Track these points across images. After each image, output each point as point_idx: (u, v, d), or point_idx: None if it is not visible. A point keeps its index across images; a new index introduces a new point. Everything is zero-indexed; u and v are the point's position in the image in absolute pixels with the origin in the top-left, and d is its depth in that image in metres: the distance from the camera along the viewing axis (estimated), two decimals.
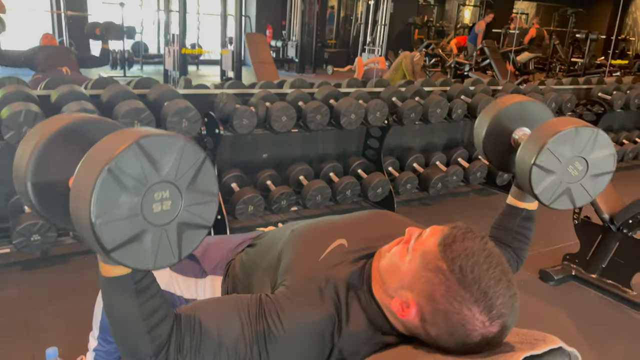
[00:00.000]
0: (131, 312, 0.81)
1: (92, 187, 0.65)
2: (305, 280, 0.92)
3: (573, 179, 1.12)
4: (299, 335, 0.86)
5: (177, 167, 0.71)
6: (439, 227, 0.85)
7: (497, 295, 0.77)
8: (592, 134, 1.10)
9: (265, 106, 2.88)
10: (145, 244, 0.71)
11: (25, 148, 0.81)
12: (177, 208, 0.73)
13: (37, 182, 0.81)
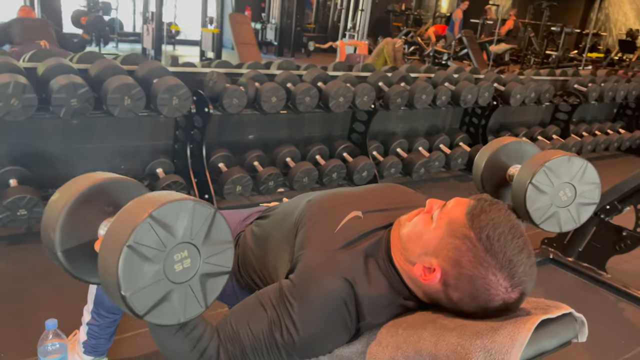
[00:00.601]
0: (181, 346, 0.86)
1: (116, 265, 0.70)
2: (322, 254, 0.95)
3: (562, 204, 1.24)
4: (323, 308, 0.89)
5: (191, 227, 0.76)
6: (464, 199, 0.90)
7: (520, 264, 0.82)
8: (582, 164, 1.23)
9: (255, 86, 2.88)
10: (173, 302, 0.76)
11: (50, 216, 0.84)
12: (196, 263, 0.78)
13: (66, 249, 0.84)
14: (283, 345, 0.89)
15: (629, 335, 2.16)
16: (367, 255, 0.95)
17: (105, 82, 2.41)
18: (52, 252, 0.85)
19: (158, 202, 0.73)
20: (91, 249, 0.85)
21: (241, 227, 1.30)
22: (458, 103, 3.68)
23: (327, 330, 0.90)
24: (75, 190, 0.83)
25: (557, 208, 1.23)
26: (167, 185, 2.64)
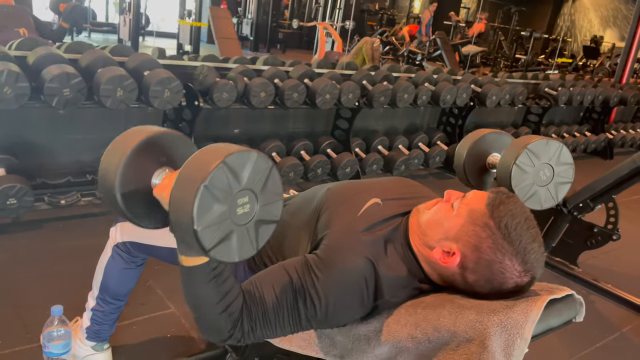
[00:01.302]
0: (210, 296, 0.91)
1: (192, 202, 0.77)
2: (346, 233, 1.02)
3: (542, 183, 1.36)
4: (345, 281, 0.96)
5: (253, 176, 0.84)
6: (483, 192, 0.98)
7: (533, 251, 0.91)
8: (558, 146, 1.36)
9: (244, 81, 2.92)
10: (232, 242, 0.83)
11: (111, 161, 0.91)
12: (254, 209, 0.86)
13: (124, 192, 0.91)
14: (305, 313, 0.95)
15: (600, 325, 2.30)
16: (387, 240, 1.02)
17: (98, 72, 2.41)
18: (110, 194, 0.90)
19: (229, 150, 0.80)
20: (144, 194, 0.92)
21: None
22: (438, 103, 3.80)
23: (345, 303, 0.97)
24: (135, 139, 0.90)
25: (538, 187, 1.35)
26: None
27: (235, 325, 0.94)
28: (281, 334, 0.98)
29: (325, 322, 0.99)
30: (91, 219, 2.59)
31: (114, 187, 0.89)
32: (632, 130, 5.94)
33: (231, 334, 0.94)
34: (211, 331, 0.95)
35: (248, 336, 0.95)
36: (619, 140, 5.65)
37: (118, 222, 1.49)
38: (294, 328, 0.97)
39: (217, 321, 0.92)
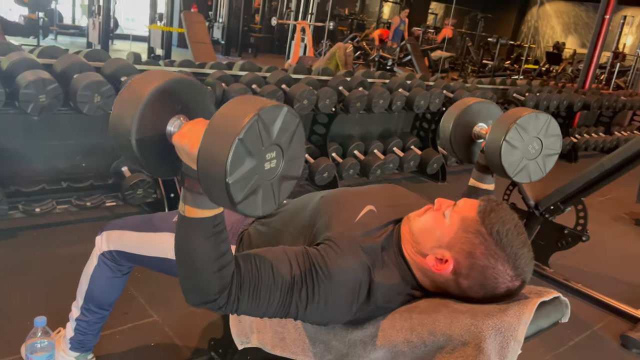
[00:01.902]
0: (207, 252, 0.89)
1: (227, 155, 0.75)
2: (346, 236, 1.04)
3: (531, 156, 1.34)
4: (341, 282, 0.98)
5: (282, 131, 0.83)
6: (473, 199, 1.02)
7: (523, 257, 0.95)
8: (547, 118, 1.33)
9: (222, 87, 2.92)
10: (258, 196, 0.82)
11: (128, 105, 0.87)
12: (279, 165, 0.85)
13: (139, 137, 0.87)
14: (296, 303, 0.96)
15: (572, 324, 2.35)
16: (383, 247, 1.05)
17: (74, 78, 2.37)
18: (125, 139, 0.87)
19: (262, 103, 0.79)
20: (158, 142, 0.89)
21: (243, 225, 1.36)
22: (412, 108, 3.86)
23: (336, 302, 0.98)
24: (152, 83, 0.87)
25: (527, 161, 1.34)
26: (135, 184, 2.63)
27: (222, 290, 0.91)
28: (262, 313, 0.97)
29: (310, 316, 0.99)
30: (67, 227, 2.54)
31: (130, 132, 0.86)
32: (594, 134, 6.17)
33: (216, 297, 0.91)
34: (197, 290, 0.92)
35: (232, 305, 0.93)
36: (582, 143, 5.85)
37: (104, 231, 1.48)
38: (278, 312, 0.97)
39: (207, 280, 0.90)
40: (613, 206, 4.17)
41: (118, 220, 1.51)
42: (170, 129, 0.89)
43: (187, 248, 0.90)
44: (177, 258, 0.93)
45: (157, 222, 1.44)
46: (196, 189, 0.86)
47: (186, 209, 0.89)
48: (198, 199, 0.87)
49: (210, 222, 0.89)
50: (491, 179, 1.43)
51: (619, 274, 3.01)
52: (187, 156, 0.85)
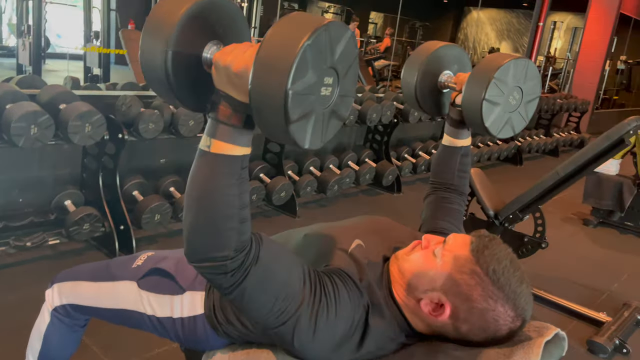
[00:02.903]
0: (231, 198, 0.79)
1: (292, 60, 0.69)
2: (345, 271, 0.96)
3: (512, 108, 1.23)
4: (343, 315, 0.90)
5: (343, 55, 0.78)
6: (463, 235, 0.96)
7: (522, 294, 0.90)
8: (525, 63, 1.19)
9: (171, 109, 2.78)
10: (308, 124, 0.76)
11: (170, 10, 0.79)
12: (333, 95, 0.79)
13: (176, 50, 0.79)
14: (297, 314, 0.87)
15: None
16: (377, 287, 0.98)
17: (7, 109, 2.18)
18: (160, 49, 0.79)
19: (326, 19, 0.74)
20: (191, 70, 0.82)
21: None
22: (364, 121, 3.84)
23: (329, 334, 0.90)
24: (183, 6, 0.79)
25: (509, 114, 1.22)
26: (80, 218, 2.44)
27: (238, 250, 0.80)
28: (261, 306, 0.86)
29: (299, 338, 0.89)
30: (5, 272, 2.32)
31: (168, 40, 0.78)
32: (536, 137, 6.40)
33: (230, 255, 0.80)
34: (211, 242, 0.80)
35: (241, 275, 0.82)
36: (526, 146, 6.05)
37: (55, 283, 1.33)
38: (276, 315, 0.86)
39: (225, 232, 0.79)
40: (561, 207, 4.30)
41: (69, 270, 1.37)
42: (206, 55, 0.83)
43: (207, 189, 0.79)
44: (190, 201, 0.81)
45: (115, 269, 1.30)
46: (232, 121, 0.78)
47: (213, 143, 0.79)
48: (231, 133, 0.78)
49: (239, 163, 0.80)
50: (467, 133, 1.31)
51: (576, 277, 3.09)
52: (227, 78, 0.78)
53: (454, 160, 1.31)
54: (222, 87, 0.79)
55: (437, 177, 1.34)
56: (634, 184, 3.87)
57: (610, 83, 10.11)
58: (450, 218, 1.29)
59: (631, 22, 9.27)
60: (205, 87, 0.84)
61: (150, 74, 0.83)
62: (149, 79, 0.84)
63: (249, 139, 0.81)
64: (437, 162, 1.36)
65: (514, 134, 1.28)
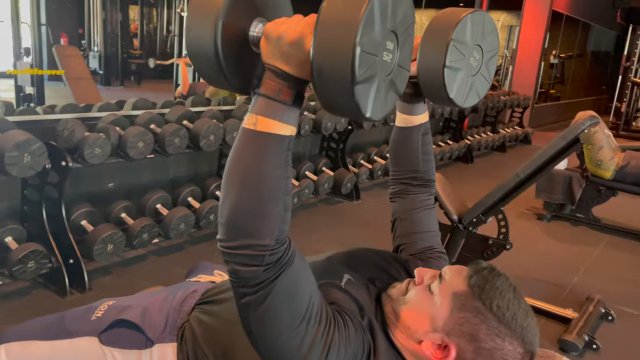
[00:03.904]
0: (276, 181, 0.75)
1: (361, 14, 0.67)
2: (344, 306, 0.89)
3: (474, 71, 1.07)
4: (349, 354, 0.83)
5: (403, 21, 0.78)
6: (459, 267, 0.89)
7: (529, 328, 0.84)
8: (481, 16, 1.04)
9: (118, 132, 2.61)
10: (372, 89, 0.73)
11: (206, 9, 0.77)
12: (393, 63, 0.77)
13: (226, 23, 0.77)
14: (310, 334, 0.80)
15: None
16: (377, 326, 0.91)
17: None
18: (209, 20, 0.76)
19: None
20: (240, 40, 0.81)
21: (180, 315, 1.14)
22: (320, 130, 3.78)
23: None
24: None
25: (472, 78, 1.06)
26: (24, 256, 2.24)
27: (280, 243, 0.75)
28: (289, 317, 0.78)
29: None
30: None
31: (219, 13, 0.76)
32: (483, 134, 6.55)
33: (272, 247, 0.74)
34: (256, 226, 0.74)
35: (276, 270, 0.75)
36: (475, 144, 6.18)
37: (1, 344, 1.18)
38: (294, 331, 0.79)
39: (271, 217, 0.74)
40: (515, 204, 4.36)
41: (16, 327, 1.21)
42: (253, 32, 0.81)
43: (253, 170, 0.74)
44: (233, 180, 0.76)
45: (71, 324, 1.17)
46: (281, 96, 0.75)
47: (259, 121, 0.75)
48: (279, 109, 0.75)
49: (287, 142, 0.76)
50: (423, 106, 1.17)
51: (538, 274, 3.14)
52: (279, 49, 0.75)
53: (415, 142, 1.18)
54: (271, 61, 0.77)
55: (399, 165, 1.22)
56: (582, 177, 4.00)
57: (545, 77, 10.53)
58: (427, 229, 1.21)
59: (563, 18, 9.70)
60: (250, 66, 0.83)
61: (197, 49, 0.79)
62: (195, 54, 0.80)
63: (297, 118, 0.78)
64: (395, 148, 1.22)
65: (479, 99, 1.11)
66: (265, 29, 0.78)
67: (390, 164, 1.25)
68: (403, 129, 1.19)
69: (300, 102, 0.78)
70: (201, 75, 0.84)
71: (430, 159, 1.22)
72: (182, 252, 3.00)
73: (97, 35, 9.50)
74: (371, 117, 0.75)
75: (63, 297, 2.37)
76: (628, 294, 2.94)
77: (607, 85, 13.25)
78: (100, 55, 9.49)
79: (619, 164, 3.77)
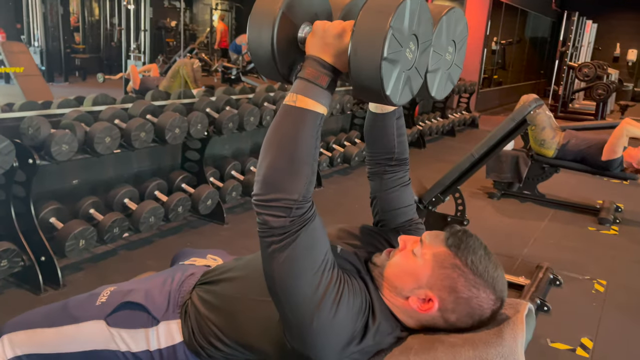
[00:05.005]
0: (309, 148, 0.91)
1: (396, 6, 0.86)
2: (346, 266, 1.01)
3: (449, 64, 1.08)
4: (355, 306, 0.95)
5: (424, 29, 0.94)
6: (438, 232, 1.02)
7: (499, 278, 0.98)
8: (453, 14, 1.04)
9: (83, 128, 2.61)
10: (394, 71, 0.89)
11: (265, 16, 0.98)
12: (412, 63, 0.94)
13: (278, 43, 0.97)
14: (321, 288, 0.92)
15: None
16: (371, 286, 1.03)
17: None
18: (268, 25, 0.97)
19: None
20: (288, 47, 1.00)
21: (181, 295, 1.22)
22: None
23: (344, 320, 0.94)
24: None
25: (447, 71, 1.07)
26: None
27: (306, 200, 0.90)
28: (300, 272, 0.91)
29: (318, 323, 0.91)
30: None
31: (270, 39, 0.96)
32: (434, 120, 6.80)
33: (300, 201, 0.89)
34: (289, 181, 0.89)
35: (300, 223, 0.90)
36: (427, 130, 6.42)
37: (3, 334, 1.22)
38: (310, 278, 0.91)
39: (301, 176, 0.89)
40: (468, 184, 4.61)
41: (17, 318, 1.26)
42: (301, 34, 1.01)
43: (291, 136, 0.90)
44: (272, 144, 0.91)
45: (75, 310, 1.22)
46: (319, 81, 0.92)
47: (299, 99, 0.91)
48: (316, 91, 0.92)
49: (319, 119, 0.92)
50: None
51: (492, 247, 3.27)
52: (323, 40, 0.93)
53: (390, 126, 1.24)
54: (315, 52, 0.94)
55: (375, 147, 1.27)
56: (528, 156, 4.28)
57: (488, 63, 10.96)
58: (405, 204, 1.30)
59: (503, 6, 10.12)
60: (294, 60, 1.02)
61: (258, 45, 1.00)
62: (255, 50, 1.00)
63: (329, 101, 0.94)
64: (370, 131, 1.27)
65: (453, 85, 1.13)
66: (315, 26, 0.96)
67: (366, 145, 1.33)
68: (378, 115, 1.23)
69: (333, 88, 0.95)
70: (257, 66, 1.05)
71: (404, 140, 1.30)
72: (151, 245, 3.03)
73: (37, 29, 9.13)
74: (390, 96, 0.90)
75: (37, 294, 2.37)
76: (572, 261, 3.21)
77: (545, 70, 13.94)
78: (41, 50, 9.13)
79: (560, 143, 4.06)
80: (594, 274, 3.05)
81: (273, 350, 1.04)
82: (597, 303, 2.72)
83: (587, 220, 4.05)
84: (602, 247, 3.53)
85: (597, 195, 4.60)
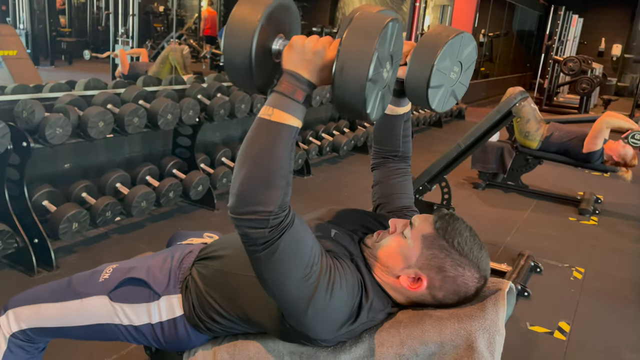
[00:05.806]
0: (283, 160, 0.92)
1: (382, 28, 0.90)
2: (338, 249, 1.07)
3: (454, 82, 1.17)
4: (349, 289, 1.01)
5: (397, 52, 1.01)
6: (426, 215, 1.09)
7: (482, 258, 1.06)
8: (460, 39, 1.11)
9: (77, 112, 2.63)
10: (374, 91, 0.93)
11: (243, 26, 0.97)
12: (386, 81, 0.98)
13: (255, 56, 0.97)
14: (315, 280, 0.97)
15: None
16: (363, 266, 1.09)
17: None
18: (247, 38, 0.97)
19: (388, 16, 0.93)
20: (264, 59, 1.00)
21: (182, 271, 1.27)
22: None
23: (338, 305, 1.00)
24: (261, 6, 0.98)
25: (451, 88, 1.17)
26: None
27: (281, 208, 0.91)
28: (294, 267, 0.95)
29: (314, 308, 0.98)
30: None
31: (248, 50, 0.96)
32: (421, 111, 6.88)
33: (275, 212, 0.90)
34: (263, 195, 0.90)
35: (279, 231, 0.92)
36: (415, 121, 6.50)
37: (9, 309, 1.27)
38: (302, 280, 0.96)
39: (276, 189, 0.90)
40: (453, 174, 4.70)
41: (21, 295, 1.31)
42: (275, 47, 1.01)
43: (265, 150, 0.91)
44: (247, 158, 0.92)
45: (79, 286, 1.27)
46: (295, 95, 0.93)
47: (275, 112, 0.92)
48: (292, 105, 0.93)
49: (294, 132, 0.94)
50: (407, 100, 1.32)
51: None
52: (301, 56, 0.95)
53: (398, 127, 1.34)
54: (292, 67, 0.95)
55: (383, 145, 1.38)
56: (512, 148, 4.37)
57: None
58: (404, 191, 1.39)
59: None
60: (268, 72, 1.03)
61: (234, 57, 0.99)
62: (231, 62, 1.01)
63: (303, 115, 0.96)
64: (380, 131, 1.37)
65: (457, 102, 1.27)
66: (292, 41, 0.97)
67: (374, 141, 1.42)
68: (389, 116, 1.33)
69: (308, 102, 0.97)
70: (230, 76, 1.03)
71: (409, 140, 1.41)
72: (143, 229, 3.07)
73: (23, 12, 9.00)
74: (369, 113, 0.94)
75: (31, 275, 2.41)
76: (553, 249, 3.32)
77: (531, 63, 14.10)
78: (26, 33, 9.01)
79: (544, 135, 4.16)
80: (573, 261, 3.16)
81: (272, 326, 1.10)
82: (575, 289, 2.83)
83: (568, 210, 4.18)
84: (582, 237, 3.65)
85: (578, 187, 4.73)
